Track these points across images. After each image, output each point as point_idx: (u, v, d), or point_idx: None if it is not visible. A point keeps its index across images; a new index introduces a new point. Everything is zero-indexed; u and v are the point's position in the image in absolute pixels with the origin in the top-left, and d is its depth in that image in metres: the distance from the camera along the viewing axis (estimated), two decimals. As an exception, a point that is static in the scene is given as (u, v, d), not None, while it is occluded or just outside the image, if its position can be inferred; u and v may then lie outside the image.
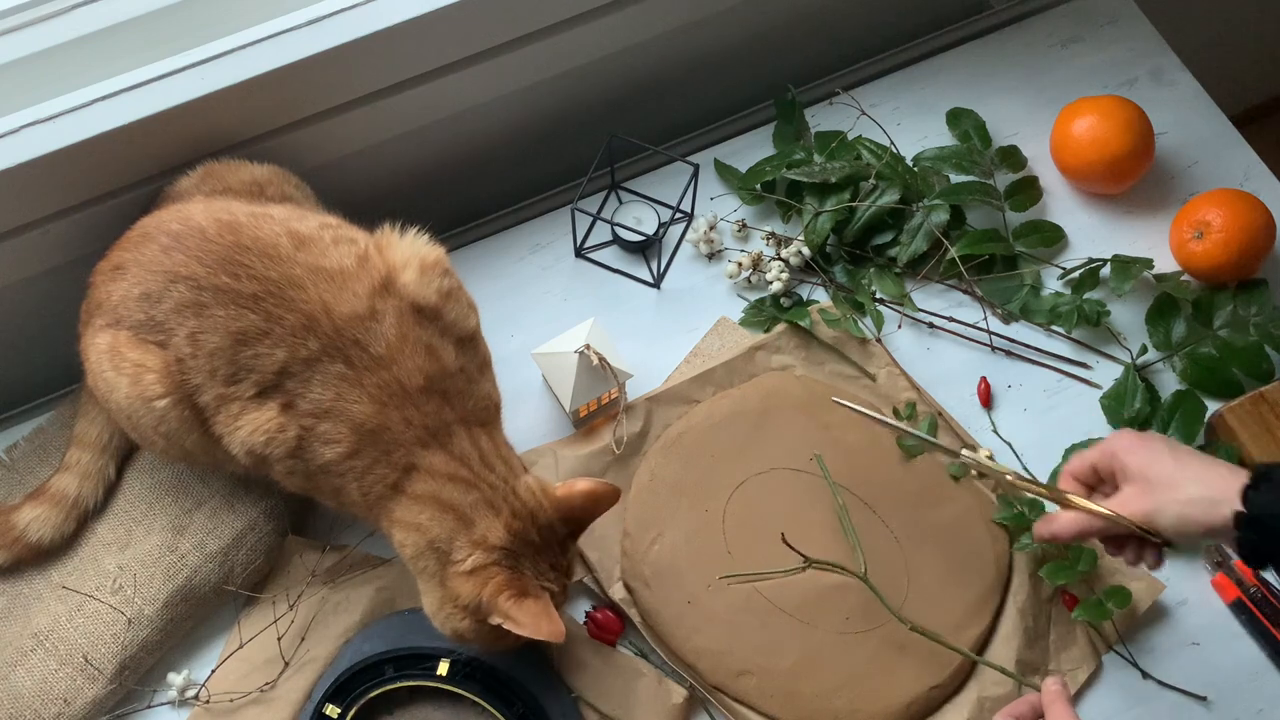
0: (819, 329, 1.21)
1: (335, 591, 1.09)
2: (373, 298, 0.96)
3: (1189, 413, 1.16)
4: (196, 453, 1.03)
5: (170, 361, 0.97)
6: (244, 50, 1.07)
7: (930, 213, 1.24)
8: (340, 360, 0.95)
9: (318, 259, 0.97)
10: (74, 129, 1.04)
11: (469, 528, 0.96)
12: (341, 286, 0.96)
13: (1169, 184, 1.31)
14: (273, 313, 0.95)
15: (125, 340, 0.98)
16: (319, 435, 0.96)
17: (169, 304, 0.97)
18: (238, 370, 0.96)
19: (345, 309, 0.96)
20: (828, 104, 1.34)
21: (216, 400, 0.97)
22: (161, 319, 0.97)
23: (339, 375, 0.95)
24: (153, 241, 0.99)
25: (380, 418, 0.95)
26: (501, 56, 1.18)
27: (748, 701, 1.07)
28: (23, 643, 1.07)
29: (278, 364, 0.95)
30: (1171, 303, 1.22)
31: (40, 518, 1.09)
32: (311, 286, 0.96)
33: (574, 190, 1.27)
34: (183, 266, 0.96)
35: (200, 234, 0.97)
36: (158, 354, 0.98)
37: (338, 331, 0.95)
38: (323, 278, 0.96)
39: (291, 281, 0.96)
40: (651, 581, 1.10)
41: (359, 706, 1.04)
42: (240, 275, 0.95)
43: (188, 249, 0.97)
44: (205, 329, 0.96)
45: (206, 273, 0.96)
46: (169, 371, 0.97)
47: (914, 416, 1.17)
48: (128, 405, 0.99)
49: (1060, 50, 1.39)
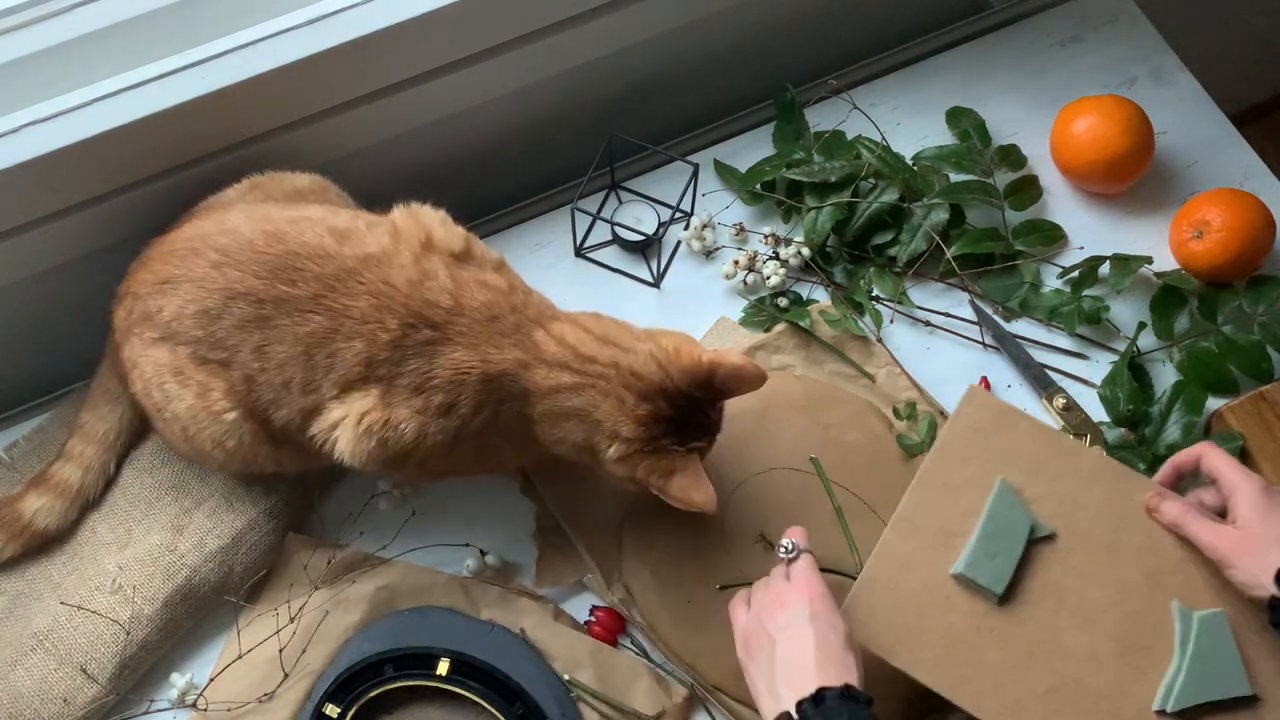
0: (819, 329, 1.21)
1: (335, 593, 1.09)
2: (418, 262, 0.98)
3: (1189, 404, 1.16)
4: (267, 463, 1.05)
5: (236, 381, 0.99)
6: (244, 50, 1.07)
7: (930, 212, 1.24)
8: (425, 326, 0.96)
9: (361, 248, 0.99)
10: (74, 129, 1.04)
11: (598, 427, 0.97)
12: (390, 264, 0.98)
13: (1169, 184, 1.31)
14: (336, 307, 0.96)
15: (186, 358, 1.00)
16: (437, 408, 0.97)
17: (230, 321, 0.97)
18: (314, 374, 0.97)
19: (402, 280, 0.97)
20: (828, 103, 1.34)
21: (300, 414, 0.98)
22: (223, 335, 0.98)
23: (428, 340, 0.97)
24: (201, 257, 0.99)
25: (480, 362, 0.97)
26: (501, 56, 1.18)
27: (748, 701, 1.07)
28: (23, 643, 1.07)
29: (360, 356, 0.96)
30: (1177, 295, 1.22)
31: (46, 507, 1.10)
32: (367, 272, 0.97)
33: (574, 190, 1.27)
34: (239, 282, 0.97)
35: (249, 246, 0.98)
36: (222, 374, 0.99)
37: (407, 302, 0.96)
38: (372, 263, 0.98)
39: (347, 273, 0.97)
40: (651, 581, 1.10)
41: (359, 706, 1.04)
42: (296, 281, 0.97)
43: (240, 263, 0.97)
44: (272, 340, 0.97)
45: (264, 285, 0.97)
46: (233, 390, 0.99)
47: (914, 416, 1.17)
48: (188, 416, 1.01)
49: (1060, 50, 1.39)
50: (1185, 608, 1.01)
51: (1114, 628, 1.01)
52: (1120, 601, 1.02)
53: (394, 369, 0.97)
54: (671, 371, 0.97)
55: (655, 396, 0.97)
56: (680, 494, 0.98)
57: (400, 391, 0.97)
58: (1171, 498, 1.04)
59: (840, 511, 1.12)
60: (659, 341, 0.99)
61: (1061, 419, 1.18)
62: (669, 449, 0.98)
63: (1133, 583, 1.02)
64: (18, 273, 1.13)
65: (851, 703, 0.87)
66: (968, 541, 1.03)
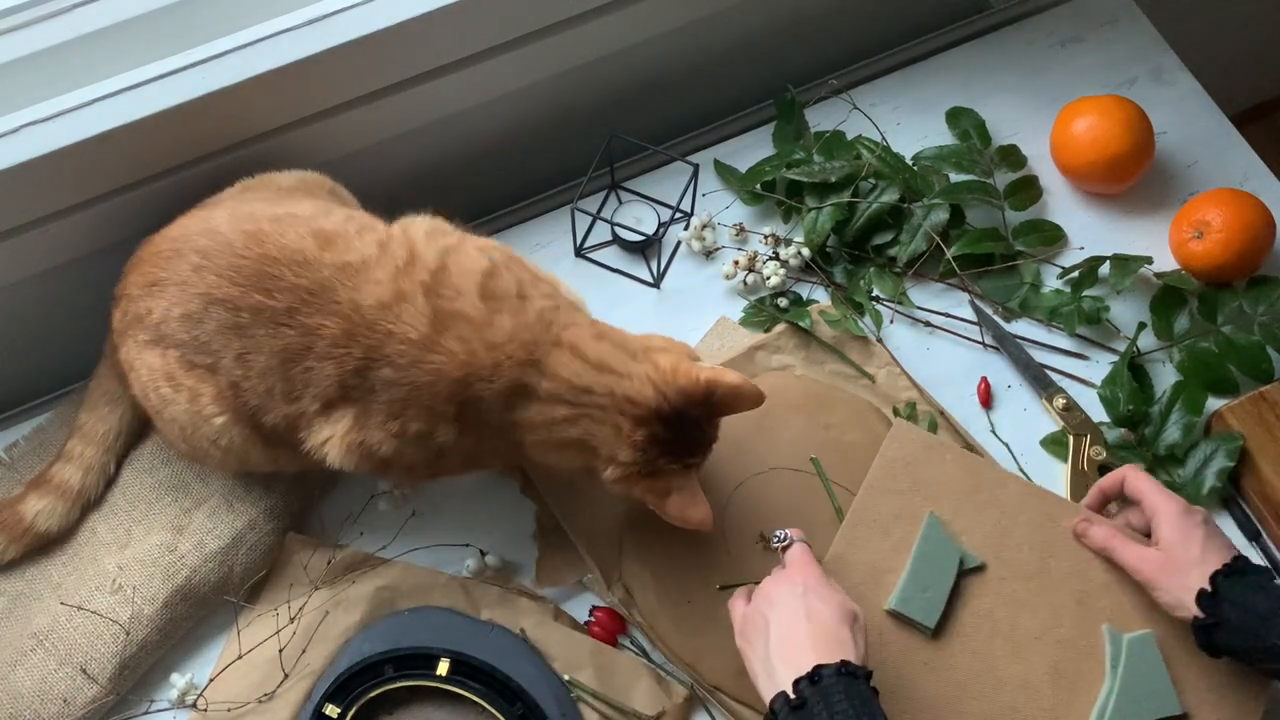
0: (819, 329, 1.21)
1: (335, 593, 1.09)
2: (395, 280, 0.95)
3: (1189, 404, 1.16)
4: (263, 463, 1.05)
5: (224, 386, 0.98)
6: (244, 50, 1.07)
7: (930, 212, 1.24)
8: (384, 364, 0.94)
9: (343, 255, 0.96)
10: (74, 129, 1.04)
11: (595, 454, 0.97)
12: (366, 278, 0.95)
13: (1169, 184, 1.31)
14: (309, 324, 0.94)
15: (176, 362, 0.99)
16: (414, 434, 0.96)
17: (211, 326, 0.97)
18: (294, 387, 0.96)
19: (373, 300, 0.95)
20: (828, 103, 1.34)
21: (286, 421, 0.98)
22: (206, 340, 0.97)
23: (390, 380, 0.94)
24: (183, 259, 0.98)
25: (458, 397, 0.95)
26: (502, 56, 1.18)
27: (748, 701, 1.07)
28: (23, 643, 1.07)
29: (332, 379, 0.95)
30: (1177, 295, 1.22)
31: (47, 509, 1.09)
32: (341, 287, 0.95)
33: (574, 190, 1.27)
34: (216, 288, 0.96)
35: (229, 249, 0.96)
36: (210, 379, 0.98)
37: (370, 332, 0.94)
38: (349, 273, 0.96)
39: (322, 287, 0.95)
40: (651, 582, 1.10)
41: (359, 706, 1.04)
42: (271, 290, 0.95)
43: (219, 267, 0.96)
44: (250, 349, 0.96)
45: (240, 293, 0.95)
46: (222, 396, 0.98)
47: (914, 416, 1.17)
48: (185, 419, 1.00)
49: (1060, 50, 1.39)
50: (1115, 630, 1.03)
51: (1047, 654, 1.03)
52: (1052, 628, 1.04)
53: (367, 394, 0.96)
54: (668, 393, 0.96)
55: (651, 421, 0.96)
56: (676, 512, 0.98)
57: (376, 414, 0.96)
58: (1099, 521, 1.06)
59: (840, 512, 1.12)
60: (655, 361, 0.97)
61: (1062, 419, 1.18)
62: (665, 469, 0.98)
63: (1063, 608, 1.04)
64: (18, 273, 1.13)
65: (848, 679, 0.87)
66: (899, 577, 1.05)
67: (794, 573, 0.97)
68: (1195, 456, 1.14)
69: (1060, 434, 1.18)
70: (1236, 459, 1.13)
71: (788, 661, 0.90)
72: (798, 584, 0.95)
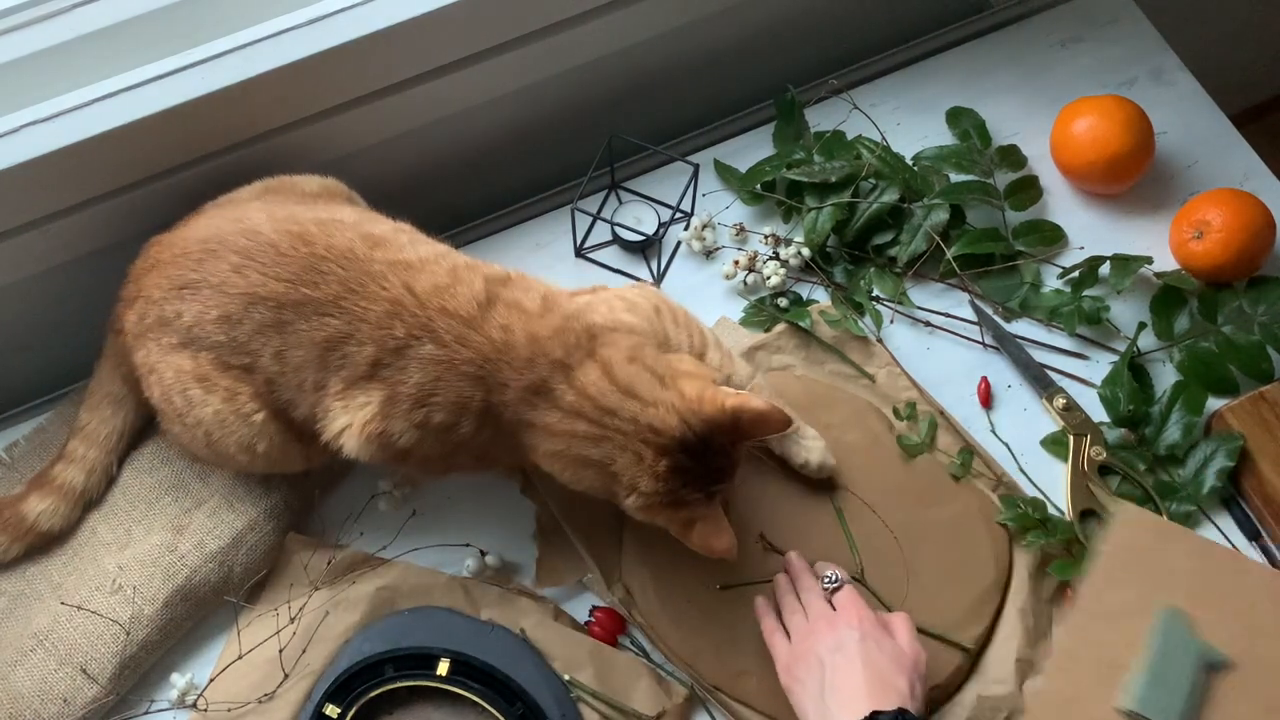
0: (819, 329, 1.21)
1: (336, 593, 1.09)
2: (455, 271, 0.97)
3: (1189, 404, 1.16)
4: (298, 461, 1.05)
5: (260, 384, 0.99)
6: (244, 50, 1.07)
7: (930, 212, 1.24)
8: (428, 340, 0.94)
9: (395, 254, 0.97)
10: (74, 129, 1.04)
11: (616, 479, 0.96)
12: (422, 270, 0.96)
13: (1169, 184, 1.31)
14: (354, 311, 0.95)
15: (210, 364, 0.99)
16: (436, 425, 0.96)
17: (250, 325, 0.97)
18: (326, 375, 0.97)
19: (428, 285, 0.95)
20: (828, 103, 1.34)
21: (312, 409, 0.98)
22: (244, 340, 0.97)
23: (431, 358, 0.95)
24: (220, 259, 0.98)
25: (484, 394, 0.95)
26: (501, 56, 1.18)
27: (748, 701, 1.07)
28: (23, 643, 1.07)
29: (367, 358, 0.95)
30: (1177, 295, 1.22)
31: (49, 509, 1.10)
32: (393, 275, 0.96)
33: (574, 190, 1.27)
34: (260, 286, 0.96)
35: (272, 249, 0.97)
36: (247, 379, 0.99)
37: (421, 309, 0.95)
38: (401, 268, 0.96)
39: (371, 277, 0.96)
40: (651, 582, 1.10)
41: (359, 706, 1.04)
42: (319, 284, 0.95)
43: (263, 266, 0.96)
44: (290, 345, 0.96)
45: (285, 289, 0.96)
46: (259, 394, 0.99)
47: (914, 416, 1.17)
48: (214, 421, 1.00)
49: (1060, 50, 1.39)
50: None
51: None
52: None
53: (397, 373, 0.96)
54: (693, 423, 0.94)
55: (675, 451, 0.94)
56: (700, 542, 0.97)
57: (402, 401, 0.96)
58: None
59: (841, 512, 1.12)
60: (681, 389, 0.95)
61: (1062, 419, 1.18)
62: (689, 498, 0.96)
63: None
64: (18, 273, 1.13)
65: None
66: (1133, 674, 0.98)
67: (849, 616, 0.98)
68: (1195, 456, 1.14)
69: (1060, 434, 1.18)
70: (1236, 459, 1.13)
71: (844, 706, 0.92)
72: (854, 629, 0.97)
